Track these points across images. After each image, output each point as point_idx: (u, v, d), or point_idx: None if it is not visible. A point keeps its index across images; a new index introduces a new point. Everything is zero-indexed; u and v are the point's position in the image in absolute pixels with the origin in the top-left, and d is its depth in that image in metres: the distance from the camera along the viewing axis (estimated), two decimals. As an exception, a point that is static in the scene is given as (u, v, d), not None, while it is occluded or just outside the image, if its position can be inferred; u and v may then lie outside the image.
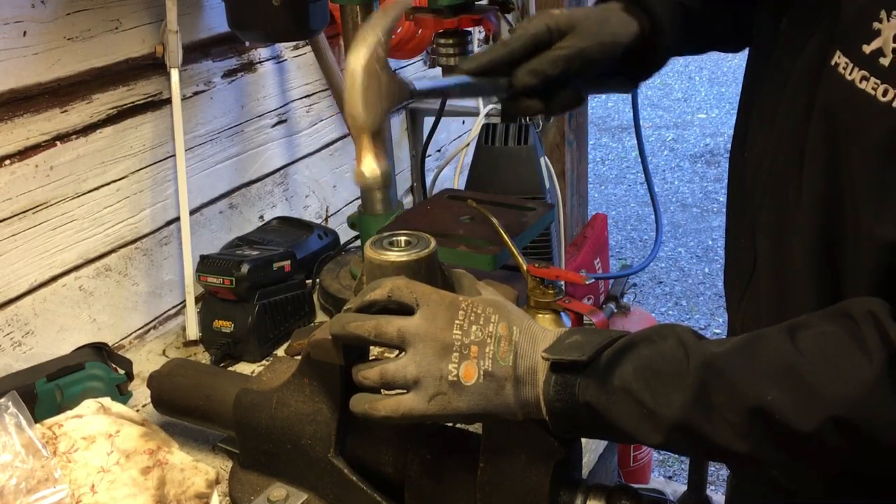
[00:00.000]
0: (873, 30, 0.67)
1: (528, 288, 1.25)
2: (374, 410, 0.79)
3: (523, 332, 0.79)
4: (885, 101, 0.66)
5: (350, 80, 0.81)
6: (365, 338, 0.80)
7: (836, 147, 0.72)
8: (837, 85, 0.71)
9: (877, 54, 0.67)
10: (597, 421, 0.75)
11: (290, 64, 1.77)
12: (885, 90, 0.66)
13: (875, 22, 0.67)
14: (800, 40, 0.79)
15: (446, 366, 0.77)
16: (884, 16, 0.67)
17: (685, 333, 0.74)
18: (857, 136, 0.70)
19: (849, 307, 0.69)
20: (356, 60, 0.80)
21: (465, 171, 1.77)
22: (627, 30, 0.96)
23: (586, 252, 2.29)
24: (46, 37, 1.27)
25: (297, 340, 1.37)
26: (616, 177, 5.62)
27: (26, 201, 1.28)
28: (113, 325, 1.45)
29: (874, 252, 0.70)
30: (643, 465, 2.47)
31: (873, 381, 0.64)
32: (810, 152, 0.75)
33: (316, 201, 1.91)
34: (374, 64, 0.80)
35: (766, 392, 0.67)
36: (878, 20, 0.67)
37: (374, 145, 0.83)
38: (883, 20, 0.67)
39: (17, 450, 0.93)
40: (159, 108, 1.48)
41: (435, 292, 0.81)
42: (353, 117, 0.82)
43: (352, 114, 0.81)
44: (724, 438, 0.70)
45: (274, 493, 0.97)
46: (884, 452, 0.65)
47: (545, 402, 0.77)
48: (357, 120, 0.81)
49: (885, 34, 0.67)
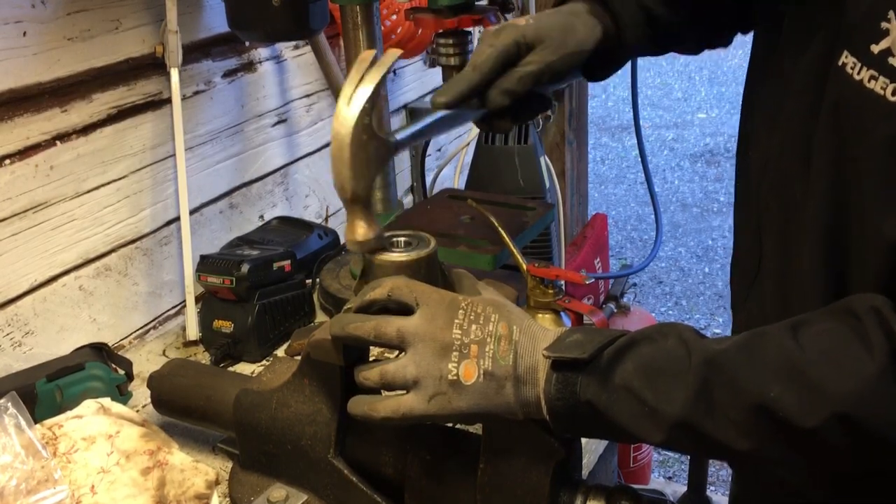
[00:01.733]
0: (881, 29, 0.67)
1: (528, 288, 1.25)
2: (373, 412, 0.79)
3: (523, 331, 0.79)
4: (893, 100, 0.67)
5: (337, 150, 0.79)
6: (364, 338, 0.80)
7: (844, 147, 0.72)
8: (845, 85, 0.71)
9: (885, 54, 0.67)
10: (598, 419, 0.75)
11: (290, 64, 1.77)
12: (893, 89, 0.67)
13: (883, 22, 0.67)
14: (803, 40, 0.79)
15: (446, 365, 0.77)
16: (892, 15, 0.67)
17: (686, 332, 0.74)
18: (865, 136, 0.70)
19: (851, 303, 0.69)
20: (343, 129, 0.79)
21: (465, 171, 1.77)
22: (592, 35, 0.96)
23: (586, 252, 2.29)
24: (46, 37, 1.27)
25: (297, 340, 1.37)
26: (616, 177, 5.62)
27: (26, 201, 1.28)
28: (113, 326, 1.45)
29: (881, 251, 0.70)
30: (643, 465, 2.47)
31: (876, 377, 0.64)
32: (817, 152, 0.75)
33: (316, 201, 1.91)
34: (362, 134, 0.79)
35: (768, 389, 0.67)
36: (887, 20, 0.67)
37: (364, 213, 0.82)
38: (891, 20, 0.67)
39: (17, 451, 0.93)
40: (159, 107, 1.47)
41: (435, 292, 0.81)
42: (342, 189, 0.81)
43: (341, 185, 0.80)
44: (726, 436, 0.69)
45: (274, 493, 0.96)
46: (887, 449, 0.65)
47: (546, 400, 0.76)
48: (347, 192, 0.80)
49: (893, 34, 0.67)
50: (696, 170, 5.65)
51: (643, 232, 4.86)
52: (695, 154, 5.89)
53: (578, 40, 0.94)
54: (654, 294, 4.22)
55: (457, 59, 1.30)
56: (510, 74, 0.91)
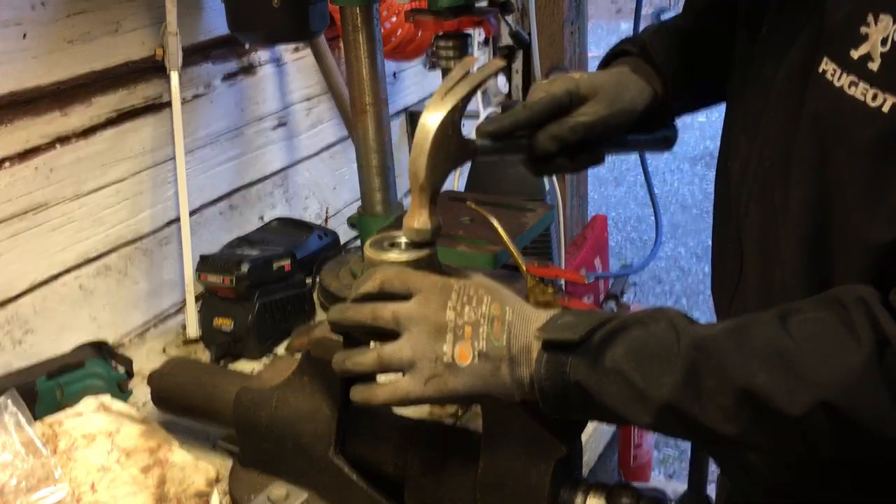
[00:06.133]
0: (861, 34, 0.68)
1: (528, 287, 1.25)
2: (373, 397, 0.80)
3: (516, 312, 0.80)
4: (874, 105, 0.67)
5: (421, 139, 0.81)
6: (362, 322, 0.81)
7: (825, 152, 0.73)
8: (826, 91, 0.71)
9: (865, 59, 0.67)
10: (587, 401, 0.76)
11: (289, 67, 1.77)
12: (874, 95, 0.67)
13: (862, 26, 0.68)
14: (782, 45, 0.79)
15: (441, 347, 0.78)
16: (871, 20, 0.67)
17: (677, 317, 0.75)
18: (846, 142, 0.70)
19: (839, 293, 0.70)
20: (432, 121, 0.80)
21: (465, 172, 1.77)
22: (642, 95, 0.98)
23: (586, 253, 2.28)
24: (46, 39, 1.28)
25: (297, 339, 1.37)
26: (616, 178, 5.62)
27: (26, 203, 1.28)
28: (113, 324, 1.45)
29: (864, 255, 0.71)
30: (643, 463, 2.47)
31: (862, 367, 0.64)
32: (798, 158, 0.76)
33: (316, 203, 1.92)
34: (449, 129, 0.81)
35: (755, 375, 0.68)
36: (866, 24, 0.67)
37: (429, 204, 0.83)
38: (870, 24, 0.67)
39: (17, 448, 0.93)
40: (159, 110, 1.48)
41: (426, 277, 0.82)
42: (416, 176, 0.82)
43: (415, 172, 0.82)
44: (712, 421, 0.70)
45: (274, 491, 0.97)
46: (869, 438, 0.66)
47: (535, 380, 0.77)
48: (420, 179, 0.82)
49: (872, 38, 0.67)
50: (695, 172, 5.65)
51: (643, 233, 4.86)
52: (695, 156, 5.89)
53: (631, 98, 0.96)
54: (654, 293, 4.22)
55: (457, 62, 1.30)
56: (562, 122, 0.92)
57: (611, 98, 0.94)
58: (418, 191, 0.82)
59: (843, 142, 0.71)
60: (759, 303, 0.85)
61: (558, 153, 0.93)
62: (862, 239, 0.71)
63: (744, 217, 0.86)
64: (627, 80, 0.98)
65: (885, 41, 0.66)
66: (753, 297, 0.86)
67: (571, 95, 0.93)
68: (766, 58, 0.83)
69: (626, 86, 0.97)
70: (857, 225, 0.71)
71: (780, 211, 0.79)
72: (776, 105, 0.80)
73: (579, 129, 0.92)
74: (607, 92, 0.94)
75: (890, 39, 0.66)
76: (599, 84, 0.95)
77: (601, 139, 0.96)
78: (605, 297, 2.25)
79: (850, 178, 0.70)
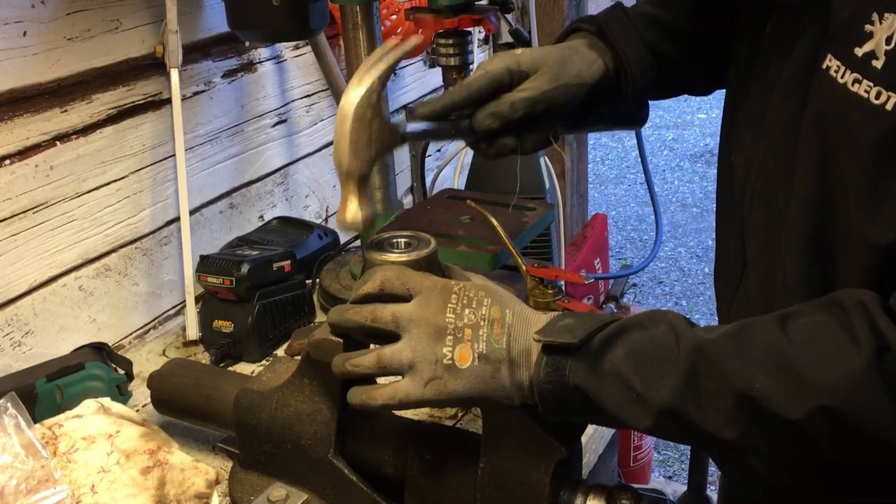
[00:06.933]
0: (865, 32, 0.68)
1: (528, 288, 1.25)
2: (371, 400, 0.79)
3: (516, 314, 0.79)
4: (878, 103, 0.67)
5: (340, 124, 0.79)
6: (362, 323, 0.80)
7: (829, 150, 0.72)
8: (829, 88, 0.71)
9: (869, 57, 0.67)
10: (586, 404, 0.75)
11: (290, 64, 1.77)
12: (878, 93, 0.67)
13: (867, 24, 0.67)
14: (787, 43, 0.79)
15: (441, 349, 0.77)
16: (875, 18, 0.67)
17: (676, 320, 0.75)
18: (849, 139, 0.70)
19: (840, 297, 0.69)
20: (348, 105, 0.79)
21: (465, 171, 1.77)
22: (592, 69, 0.95)
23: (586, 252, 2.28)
24: (46, 37, 1.27)
25: (297, 340, 1.37)
26: (616, 177, 5.62)
27: (26, 201, 1.28)
28: (113, 326, 1.45)
29: (866, 254, 0.71)
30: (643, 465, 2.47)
31: (861, 371, 0.64)
32: (801, 155, 0.75)
33: (316, 201, 1.91)
34: (367, 111, 0.79)
35: (755, 379, 0.68)
36: (871, 22, 0.67)
37: (359, 192, 0.82)
38: (875, 22, 0.67)
39: (17, 451, 0.93)
40: (159, 108, 1.47)
41: (426, 278, 0.82)
42: (339, 163, 0.81)
43: (339, 160, 0.81)
44: (711, 424, 0.70)
45: (274, 493, 0.97)
46: (868, 443, 0.66)
47: (535, 383, 0.77)
48: (343, 166, 0.81)
49: (877, 36, 0.67)
50: (696, 170, 5.65)
51: (643, 232, 4.86)
52: (695, 154, 5.89)
53: (576, 71, 0.94)
54: (654, 294, 4.22)
55: (457, 60, 1.30)
56: (502, 99, 0.90)
57: (554, 72, 0.92)
58: (344, 179, 0.81)
59: (845, 140, 0.70)
60: (761, 300, 0.84)
61: (502, 132, 0.91)
62: (863, 239, 0.70)
63: (747, 215, 0.86)
64: (575, 54, 0.95)
65: (890, 39, 0.66)
66: (755, 295, 0.86)
67: (511, 72, 0.91)
68: (770, 56, 0.83)
69: (572, 59, 0.94)
70: (858, 225, 0.71)
71: (782, 210, 0.79)
72: (780, 103, 0.80)
73: (519, 104, 0.90)
74: (550, 66, 0.92)
75: (894, 37, 0.66)
76: (541, 59, 0.92)
77: (549, 116, 0.93)
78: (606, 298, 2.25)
79: (853, 178, 0.70)
